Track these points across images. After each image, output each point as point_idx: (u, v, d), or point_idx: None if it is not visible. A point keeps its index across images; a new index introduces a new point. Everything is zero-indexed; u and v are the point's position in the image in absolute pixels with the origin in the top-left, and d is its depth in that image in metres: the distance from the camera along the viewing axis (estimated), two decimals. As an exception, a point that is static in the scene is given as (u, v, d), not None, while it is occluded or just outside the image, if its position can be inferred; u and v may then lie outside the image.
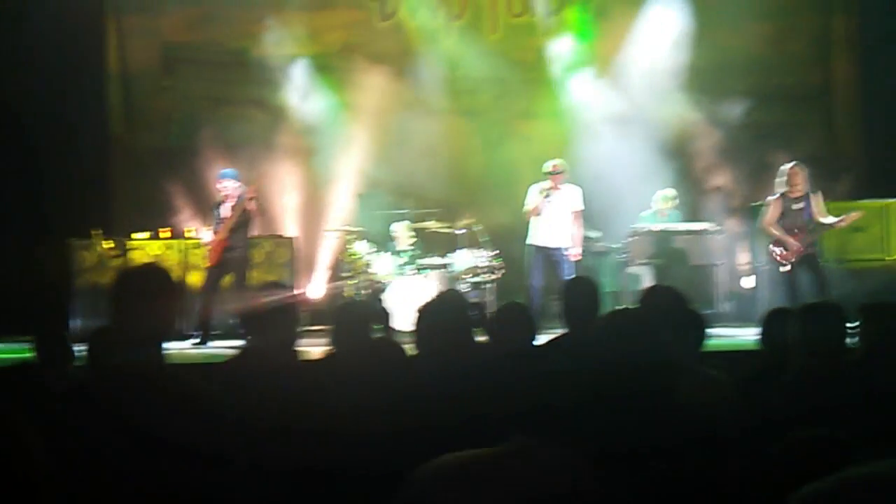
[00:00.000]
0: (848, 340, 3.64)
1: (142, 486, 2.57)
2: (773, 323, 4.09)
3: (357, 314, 4.78)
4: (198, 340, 8.94)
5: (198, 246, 9.79)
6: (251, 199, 9.09)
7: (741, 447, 3.05)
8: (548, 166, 9.28)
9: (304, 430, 3.38)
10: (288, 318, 3.62)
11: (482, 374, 3.42)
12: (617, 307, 7.00)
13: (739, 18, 11.84)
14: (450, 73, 12.04)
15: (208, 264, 9.15)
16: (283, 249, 10.50)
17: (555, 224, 9.22)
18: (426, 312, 3.69)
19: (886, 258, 10.02)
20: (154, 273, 2.90)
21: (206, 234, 9.35)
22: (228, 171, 9.39)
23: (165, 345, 2.86)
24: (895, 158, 11.16)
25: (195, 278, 9.94)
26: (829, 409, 2.87)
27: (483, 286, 9.86)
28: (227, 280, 9.16)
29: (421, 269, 9.91)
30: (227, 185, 9.17)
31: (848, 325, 3.62)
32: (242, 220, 9.11)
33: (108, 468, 2.54)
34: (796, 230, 8.76)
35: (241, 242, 9.14)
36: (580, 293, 4.46)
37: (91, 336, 3.98)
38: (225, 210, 9.16)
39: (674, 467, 2.56)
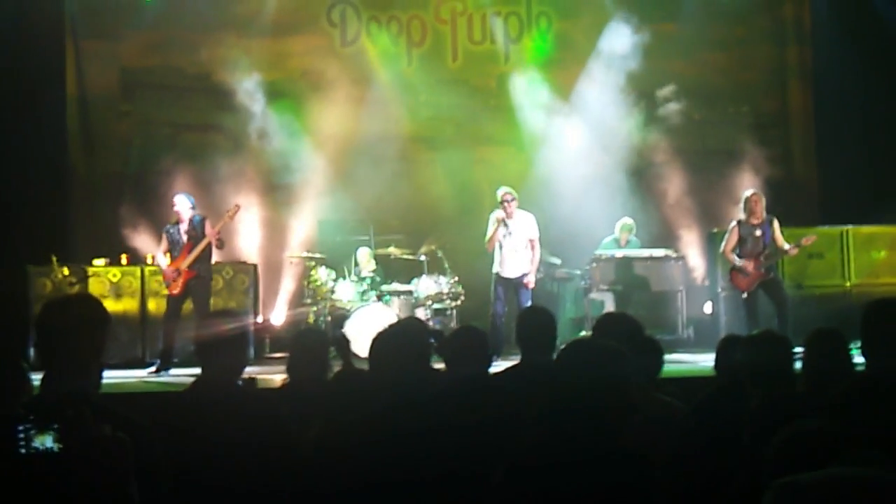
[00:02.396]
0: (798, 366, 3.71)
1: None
2: (726, 350, 4.13)
3: (314, 341, 4.75)
4: (154, 369, 8.84)
5: (157, 272, 9.66)
6: (218, 234, 9.02)
7: (688, 469, 3.07)
8: (498, 194, 9.29)
9: (258, 457, 3.35)
10: (237, 346, 3.58)
11: (435, 403, 3.41)
12: (577, 337, 7.04)
13: (696, 49, 12.03)
14: (411, 99, 12.09)
15: (173, 292, 9.02)
16: (244, 276, 10.43)
17: (511, 253, 9.23)
18: (381, 339, 3.67)
19: (846, 284, 10.16)
20: (80, 303, 2.90)
21: (161, 259, 9.17)
22: (182, 193, 9.31)
23: (121, 373, 2.84)
24: (850, 185, 11.33)
25: (155, 305, 9.86)
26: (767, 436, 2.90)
27: (445, 312, 9.87)
28: (188, 307, 9.07)
29: (383, 295, 9.89)
30: (181, 206, 9.06)
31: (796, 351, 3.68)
32: (208, 250, 9.06)
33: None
34: (756, 256, 8.88)
35: (205, 271, 9.07)
36: (534, 322, 4.47)
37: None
38: (182, 232, 9.04)
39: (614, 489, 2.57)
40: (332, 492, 3.26)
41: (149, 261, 10.06)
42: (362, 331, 8.78)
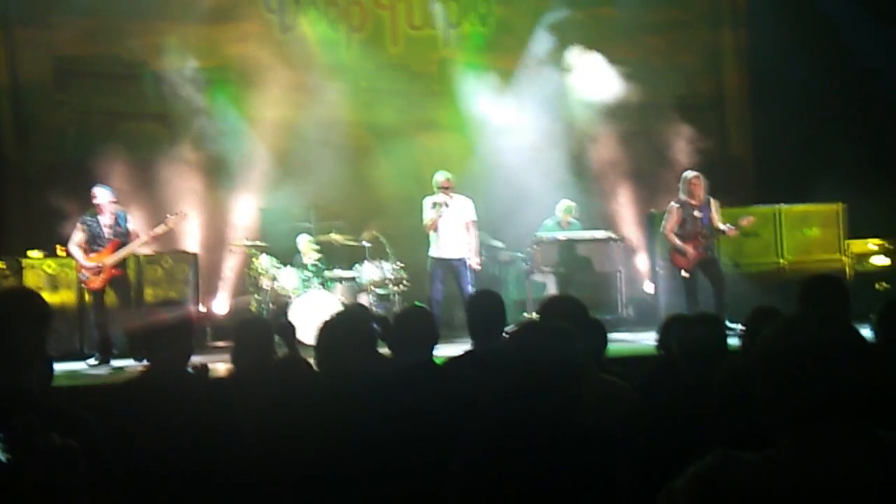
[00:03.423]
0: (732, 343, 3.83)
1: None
2: (669, 328, 4.21)
3: (258, 329, 4.73)
4: (96, 362, 8.71)
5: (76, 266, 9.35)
6: (154, 240, 8.90)
7: (637, 450, 3.12)
8: (439, 179, 9.31)
9: (207, 448, 3.33)
10: (182, 335, 3.55)
11: (386, 390, 3.42)
12: (520, 319, 7.08)
13: (633, 31, 12.15)
14: (352, 85, 12.02)
15: (92, 286, 8.78)
16: (184, 265, 10.30)
17: (452, 235, 9.27)
18: (327, 327, 3.66)
19: (780, 261, 10.38)
20: (19, 297, 2.85)
21: (79, 254, 8.76)
22: (102, 186, 9.04)
23: (60, 367, 2.79)
24: (784, 165, 11.56)
25: (92, 297, 9.69)
26: (705, 415, 2.97)
27: (389, 298, 9.87)
28: (111, 299, 8.92)
29: (326, 282, 9.85)
30: (101, 197, 8.77)
31: (731, 328, 3.79)
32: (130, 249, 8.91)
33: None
34: (696, 237, 9.03)
35: (122, 265, 8.91)
36: (484, 306, 4.48)
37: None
38: (103, 226, 8.77)
39: (573, 471, 2.60)
40: (280, 482, 3.27)
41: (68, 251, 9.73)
42: (305, 318, 8.76)
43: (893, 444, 1.83)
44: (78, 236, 8.81)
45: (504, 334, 4.30)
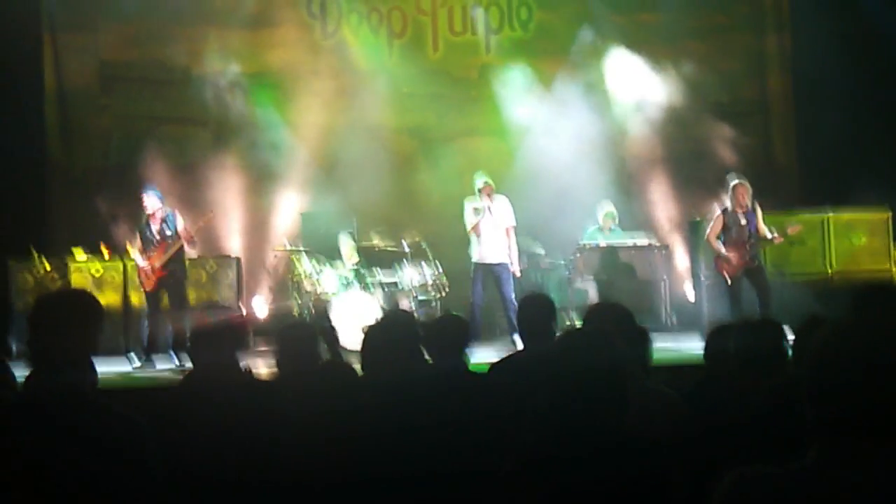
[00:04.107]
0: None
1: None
2: (716, 337, 4.14)
3: (303, 334, 4.74)
4: (139, 363, 8.81)
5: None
6: (191, 237, 8.95)
7: (687, 459, 3.08)
8: (479, 182, 9.29)
9: (252, 451, 3.34)
10: (233, 337, 3.57)
11: (425, 396, 3.41)
12: (569, 326, 7.05)
13: (676, 38, 12.06)
14: (393, 90, 12.04)
15: (146, 289, 8.95)
16: (227, 269, 10.39)
17: (493, 240, 9.25)
18: (374, 332, 3.66)
19: (827, 269, 10.22)
20: (75, 298, 2.89)
21: (138, 257, 8.99)
22: (151, 188, 9.17)
23: (105, 368, 2.84)
24: (830, 171, 11.40)
25: (137, 298, 9.79)
26: (765, 424, 2.91)
27: (430, 303, 9.86)
28: (165, 301, 9.02)
29: (367, 286, 9.86)
30: (150, 203, 8.92)
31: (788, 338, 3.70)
32: (180, 249, 8.98)
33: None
34: (741, 244, 8.92)
35: (179, 270, 8.99)
36: (536, 309, 4.47)
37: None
38: (154, 231, 8.93)
39: (623, 480, 2.57)
40: (322, 487, 3.26)
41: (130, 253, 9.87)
42: (345, 320, 8.80)
43: None
44: (137, 244, 9.01)
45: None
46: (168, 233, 8.91)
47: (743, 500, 1.79)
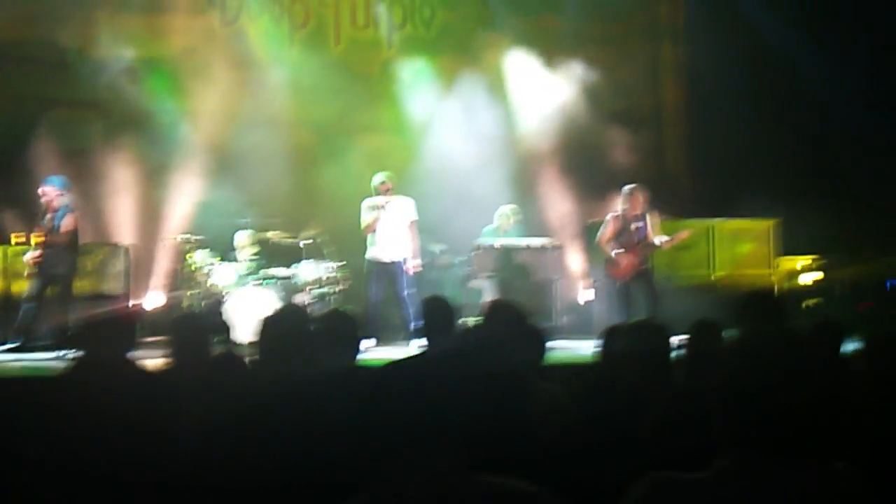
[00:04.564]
0: (673, 354, 3.83)
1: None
2: (609, 339, 4.23)
3: (195, 326, 4.65)
4: (15, 346, 8.48)
5: (22, 254, 9.23)
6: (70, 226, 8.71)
7: (578, 460, 3.13)
8: (376, 182, 9.27)
9: (140, 444, 3.27)
10: (120, 329, 3.47)
11: (319, 390, 3.38)
12: (465, 324, 7.07)
13: (575, 42, 12.24)
14: (293, 83, 11.90)
15: (30, 273, 8.70)
16: (116, 258, 10.09)
17: (390, 238, 9.23)
18: (265, 325, 3.62)
19: (712, 275, 10.55)
20: None
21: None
22: (53, 178, 8.88)
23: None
24: (720, 180, 11.77)
25: (18, 286, 9.43)
26: (655, 425, 2.98)
27: (327, 298, 9.78)
28: (50, 291, 8.75)
29: (264, 279, 9.73)
30: (48, 192, 8.67)
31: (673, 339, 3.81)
32: (66, 239, 8.72)
33: None
34: (632, 248, 9.12)
35: (58, 258, 8.71)
36: (437, 310, 4.49)
37: None
38: (46, 218, 8.68)
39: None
40: (209, 485, 3.20)
41: (16, 241, 9.54)
42: (240, 315, 8.64)
43: (844, 477, 1.78)
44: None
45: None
46: (53, 225, 8.64)
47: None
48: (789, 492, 1.75)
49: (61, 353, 8.15)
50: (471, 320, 9.04)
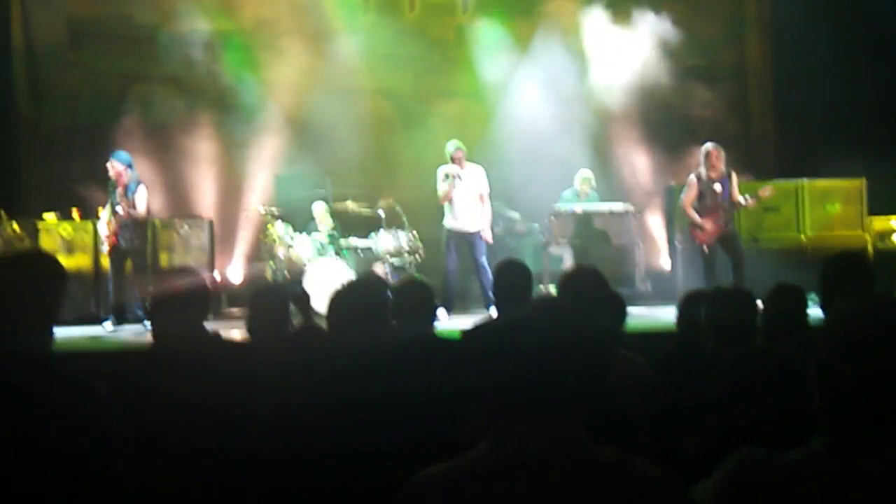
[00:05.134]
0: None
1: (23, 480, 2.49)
2: (688, 305, 4.12)
3: (274, 299, 4.69)
4: (112, 326, 8.76)
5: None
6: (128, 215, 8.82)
7: (656, 428, 3.06)
8: (450, 149, 9.21)
9: (220, 417, 3.30)
10: (196, 302, 3.50)
11: (391, 362, 3.36)
12: (544, 292, 7.01)
13: (653, 0, 11.93)
14: (368, 51, 11.88)
15: (107, 250, 8.92)
16: (199, 231, 10.27)
17: (465, 207, 9.19)
18: (340, 297, 3.61)
19: (801, 237, 10.26)
20: (34, 260, 2.80)
21: (101, 220, 8.97)
22: (120, 153, 9.01)
23: (74, 330, 2.76)
24: (807, 139, 11.40)
25: (108, 261, 9.69)
26: (737, 394, 2.88)
27: (404, 268, 9.81)
28: (128, 265, 8.95)
29: (341, 250, 9.80)
30: (117, 168, 8.80)
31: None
32: (143, 214, 8.89)
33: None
34: (715, 210, 8.91)
35: (132, 233, 8.86)
36: (512, 276, 4.44)
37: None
38: (118, 193, 8.81)
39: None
40: (290, 457, 3.22)
41: (100, 215, 9.73)
42: (319, 286, 8.73)
43: None
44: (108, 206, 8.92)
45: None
46: (126, 201, 8.77)
47: (749, 481, 1.76)
48: (889, 476, 1.66)
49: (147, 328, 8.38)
50: (551, 287, 9.00)
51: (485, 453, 1.79)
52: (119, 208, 8.73)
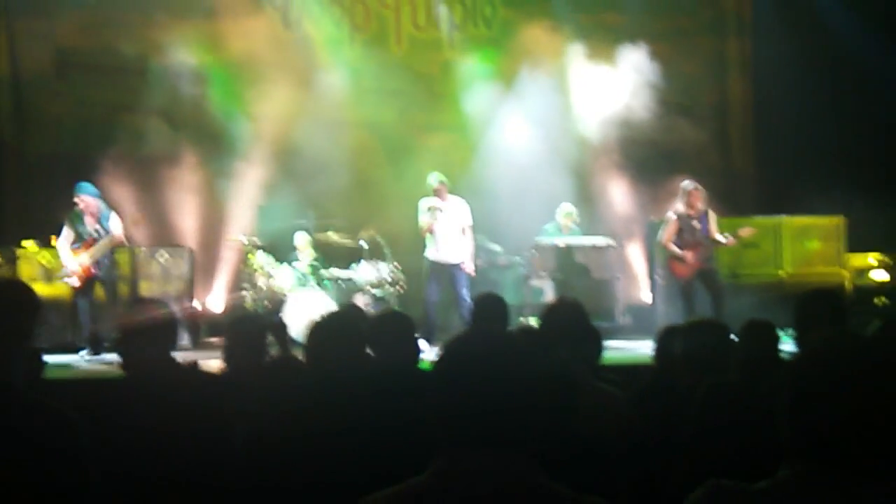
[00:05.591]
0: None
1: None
2: (665, 339, 4.15)
3: (251, 328, 4.67)
4: (88, 355, 8.71)
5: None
6: (121, 241, 8.97)
7: (631, 462, 3.07)
8: (432, 182, 9.27)
9: (194, 445, 3.28)
10: (163, 333, 3.49)
11: (369, 389, 3.36)
12: (525, 324, 7.01)
13: (638, 38, 12.05)
14: (353, 84, 11.95)
15: (76, 286, 8.86)
16: (179, 260, 10.24)
17: (448, 239, 9.24)
18: (318, 327, 3.61)
19: (780, 273, 10.33)
20: (6, 287, 2.80)
21: (66, 254, 8.86)
22: (87, 185, 9.02)
23: (50, 358, 2.74)
24: (786, 175, 11.51)
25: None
26: (710, 428, 2.90)
27: (385, 299, 9.81)
28: (99, 293, 8.96)
29: (322, 281, 9.80)
30: (86, 200, 8.84)
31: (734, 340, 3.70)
32: (120, 240, 8.96)
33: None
34: (694, 246, 8.98)
35: (106, 262, 8.93)
36: (489, 309, 4.45)
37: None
38: (89, 226, 8.84)
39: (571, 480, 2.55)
40: (265, 487, 3.20)
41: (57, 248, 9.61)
42: (299, 316, 8.70)
43: None
44: (65, 233, 8.90)
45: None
46: (100, 229, 8.83)
47: None
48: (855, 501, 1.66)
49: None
50: (531, 320, 9.01)
51: (429, 482, 1.77)
52: (101, 237, 8.71)
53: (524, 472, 1.75)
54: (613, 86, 11.59)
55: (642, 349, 7.74)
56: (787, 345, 3.94)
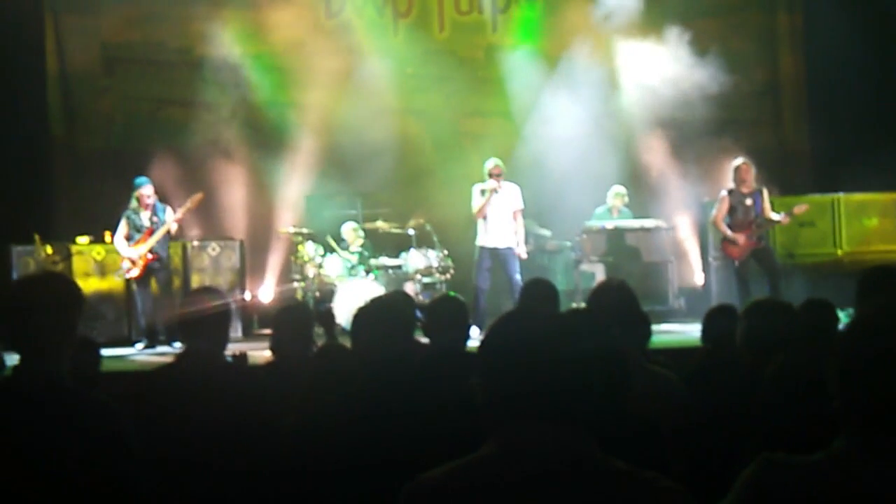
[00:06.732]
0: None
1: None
2: (713, 320, 4.05)
3: (297, 317, 4.67)
4: (142, 346, 8.83)
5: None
6: (179, 222, 9.14)
7: (686, 443, 2.99)
8: (489, 166, 9.20)
9: (237, 436, 3.27)
10: (218, 323, 3.50)
11: (419, 379, 3.33)
12: (570, 307, 6.93)
13: (688, 16, 11.84)
14: (398, 71, 11.91)
15: (134, 277, 9.03)
16: (230, 252, 10.31)
17: (499, 224, 9.16)
18: (363, 313, 3.58)
19: (837, 252, 10.10)
20: (50, 282, 2.80)
21: (122, 245, 9.05)
22: (142, 178, 9.23)
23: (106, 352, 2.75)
24: (841, 152, 11.23)
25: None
26: (773, 406, 2.81)
27: (435, 286, 9.78)
28: (154, 286, 9.10)
29: (371, 269, 9.79)
30: (142, 193, 9.02)
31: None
32: (166, 235, 9.09)
33: None
34: (747, 225, 8.81)
35: (163, 253, 9.09)
36: (538, 294, 4.40)
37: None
38: (145, 217, 9.01)
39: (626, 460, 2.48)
40: (313, 474, 3.18)
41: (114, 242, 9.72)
42: (349, 306, 8.70)
43: None
44: (122, 230, 9.07)
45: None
46: (157, 220, 9.00)
47: (769, 485, 1.75)
48: None
49: (175, 346, 8.44)
50: (583, 305, 8.91)
51: (487, 458, 1.74)
52: (158, 227, 8.91)
53: (580, 446, 1.73)
54: (662, 64, 11.40)
55: (695, 332, 7.61)
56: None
